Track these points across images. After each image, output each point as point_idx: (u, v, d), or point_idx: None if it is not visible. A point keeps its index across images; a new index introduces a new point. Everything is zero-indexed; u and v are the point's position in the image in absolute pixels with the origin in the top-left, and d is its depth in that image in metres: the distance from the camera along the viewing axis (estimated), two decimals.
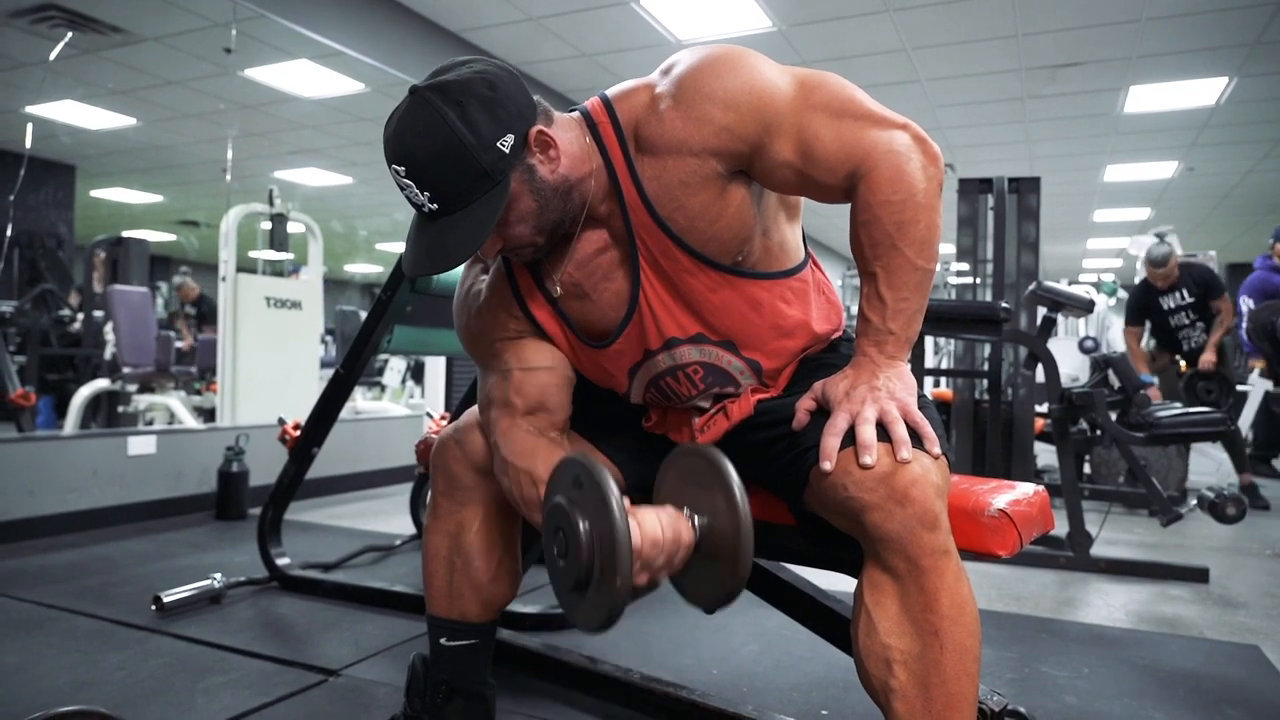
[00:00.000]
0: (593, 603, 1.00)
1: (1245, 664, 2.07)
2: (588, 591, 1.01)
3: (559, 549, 1.03)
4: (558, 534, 1.03)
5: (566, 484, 1.05)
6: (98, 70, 5.85)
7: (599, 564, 0.98)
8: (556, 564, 1.04)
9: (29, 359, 5.97)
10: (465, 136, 1.02)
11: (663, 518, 1.05)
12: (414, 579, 2.59)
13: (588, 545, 0.99)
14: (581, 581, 1.00)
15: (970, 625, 0.97)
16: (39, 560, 2.82)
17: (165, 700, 1.69)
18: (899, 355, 1.08)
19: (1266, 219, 10.72)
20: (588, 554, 0.99)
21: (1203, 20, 4.93)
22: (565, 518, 1.01)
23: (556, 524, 1.03)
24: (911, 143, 1.06)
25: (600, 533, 0.98)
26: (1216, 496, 2.91)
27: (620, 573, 0.95)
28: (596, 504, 0.99)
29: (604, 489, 0.98)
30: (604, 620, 0.99)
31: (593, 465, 1.01)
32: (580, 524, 0.99)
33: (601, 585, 0.98)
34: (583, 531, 0.99)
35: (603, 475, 0.99)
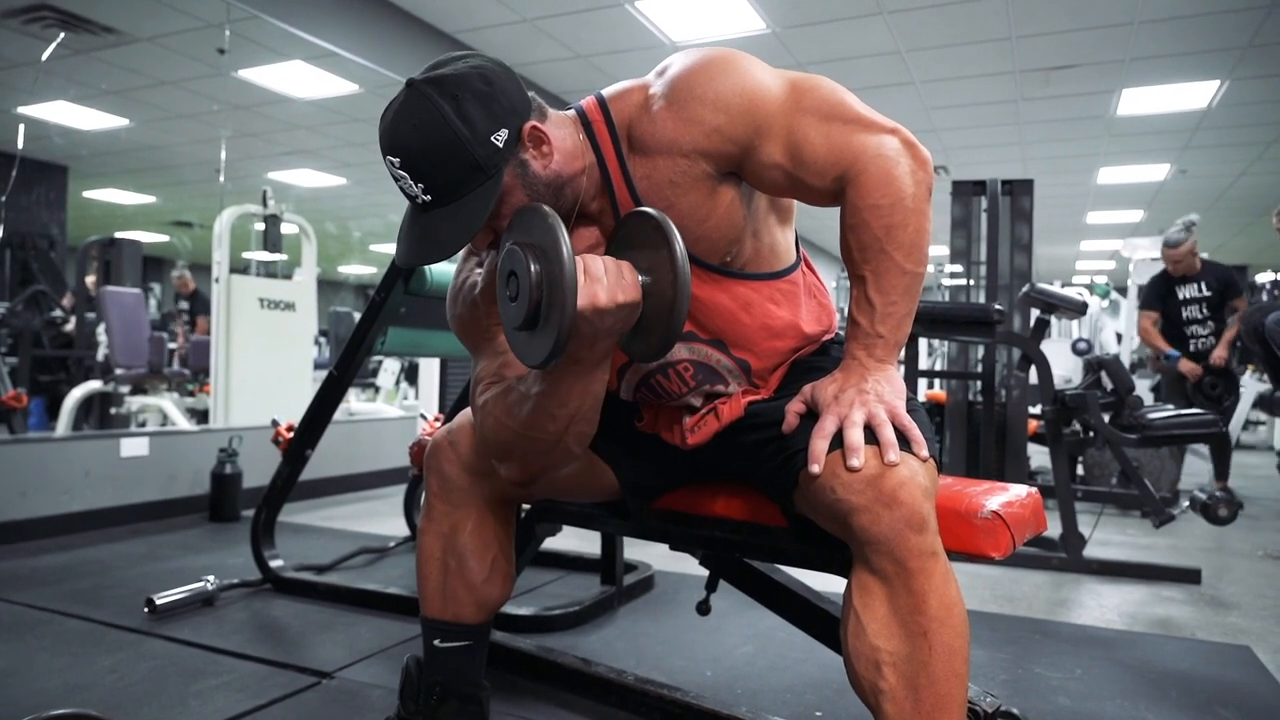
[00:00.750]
0: (542, 335, 1.01)
1: (1237, 665, 2.07)
2: (537, 326, 1.02)
3: (510, 291, 1.04)
4: (510, 278, 1.04)
5: (517, 231, 1.06)
6: (90, 71, 5.83)
7: (548, 299, 1.00)
8: (508, 305, 1.05)
9: (21, 360, 5.94)
10: (460, 130, 1.03)
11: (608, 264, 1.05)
12: (408, 581, 2.58)
13: (537, 283, 1.00)
14: (532, 318, 1.02)
15: (959, 626, 0.97)
16: (31, 562, 2.81)
17: (158, 703, 1.68)
18: (888, 359, 1.08)
19: (1259, 221, 10.77)
20: (536, 291, 1.00)
21: (1195, 23, 4.95)
22: (517, 259, 1.02)
23: (509, 268, 1.04)
24: (901, 147, 1.07)
25: (550, 270, 0.99)
26: (1209, 498, 2.92)
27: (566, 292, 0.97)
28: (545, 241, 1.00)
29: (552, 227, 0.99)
30: (552, 348, 0.99)
31: (542, 210, 1.03)
32: (530, 264, 1.00)
33: (550, 318, 1.00)
34: (533, 270, 1.00)
35: (552, 217, 1.01)
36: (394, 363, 7.55)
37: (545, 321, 1.01)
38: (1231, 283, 4.73)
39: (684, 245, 1.03)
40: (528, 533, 1.91)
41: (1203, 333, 4.73)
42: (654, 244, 1.05)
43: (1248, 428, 8.07)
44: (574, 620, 2.23)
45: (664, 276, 1.04)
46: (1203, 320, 4.72)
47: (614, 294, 1.02)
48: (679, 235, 1.03)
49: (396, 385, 7.66)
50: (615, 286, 1.02)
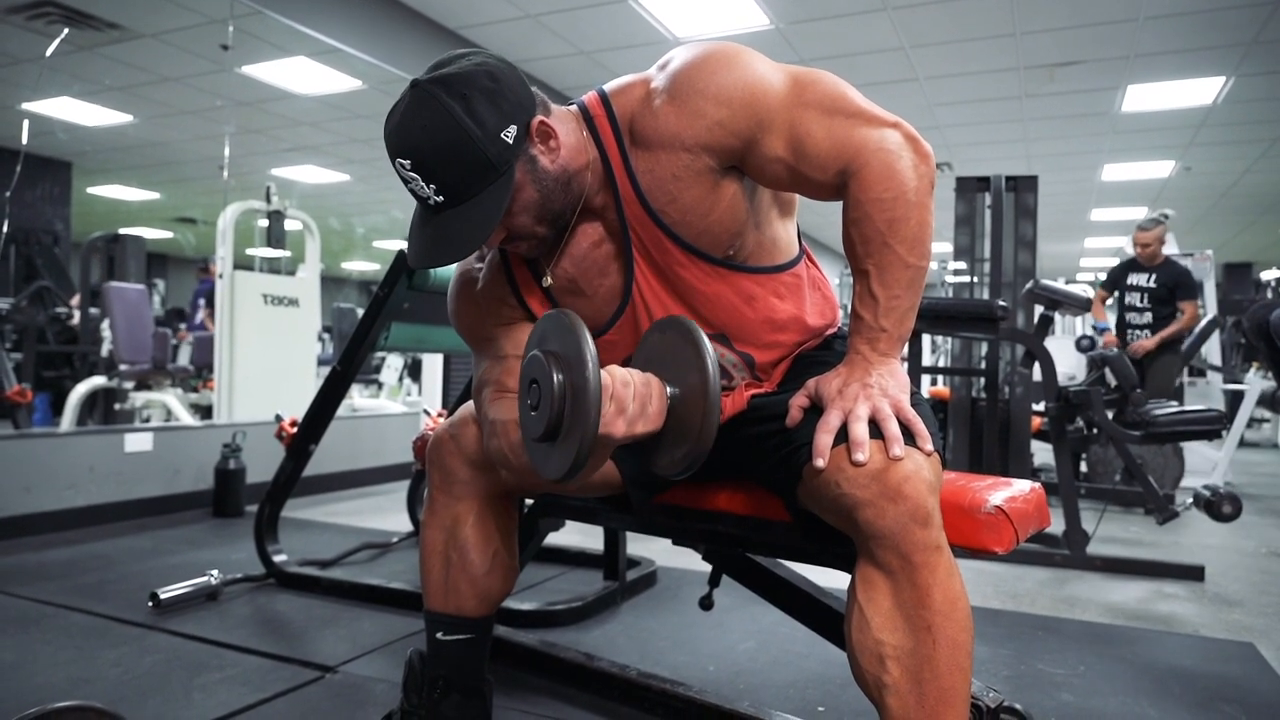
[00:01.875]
0: (562, 449, 1.01)
1: (1240, 661, 2.07)
2: (557, 441, 1.01)
3: (532, 400, 1.03)
4: (532, 386, 1.03)
5: (544, 337, 1.05)
6: (94, 67, 5.84)
7: (570, 412, 0.99)
8: (529, 415, 1.04)
9: (25, 356, 5.96)
10: (470, 129, 1.03)
11: (635, 378, 1.05)
12: (411, 576, 2.59)
13: (560, 395, 0.99)
14: (552, 429, 1.01)
15: (963, 620, 0.97)
16: (36, 557, 2.82)
17: (162, 696, 1.69)
18: (892, 353, 1.08)
19: (1263, 218, 10.75)
20: (559, 404, 0.99)
21: (1200, 19, 4.94)
22: (540, 369, 1.01)
23: (531, 376, 1.03)
24: (903, 141, 1.07)
25: (575, 383, 0.98)
26: (1212, 495, 2.92)
27: (590, 417, 0.96)
28: (570, 353, 0.99)
29: (578, 339, 0.99)
30: (571, 465, 0.99)
31: (568, 318, 1.02)
32: (554, 375, 1.00)
33: (571, 433, 0.99)
34: (556, 382, 0.99)
35: (578, 326, 1.00)
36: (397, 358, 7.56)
37: (564, 438, 1.00)
38: (1183, 284, 4.77)
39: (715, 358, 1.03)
40: (531, 528, 1.91)
41: (1139, 322, 4.79)
42: (687, 361, 1.05)
43: (1252, 425, 8.05)
44: (577, 615, 2.24)
45: (694, 398, 1.04)
46: (1140, 310, 4.76)
47: (633, 426, 1.02)
48: (713, 355, 1.03)
49: (400, 381, 7.67)
50: (637, 417, 1.03)
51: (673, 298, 1.18)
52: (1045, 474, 4.55)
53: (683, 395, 1.06)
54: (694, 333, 1.06)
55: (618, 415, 1.01)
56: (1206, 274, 6.26)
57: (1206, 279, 6.27)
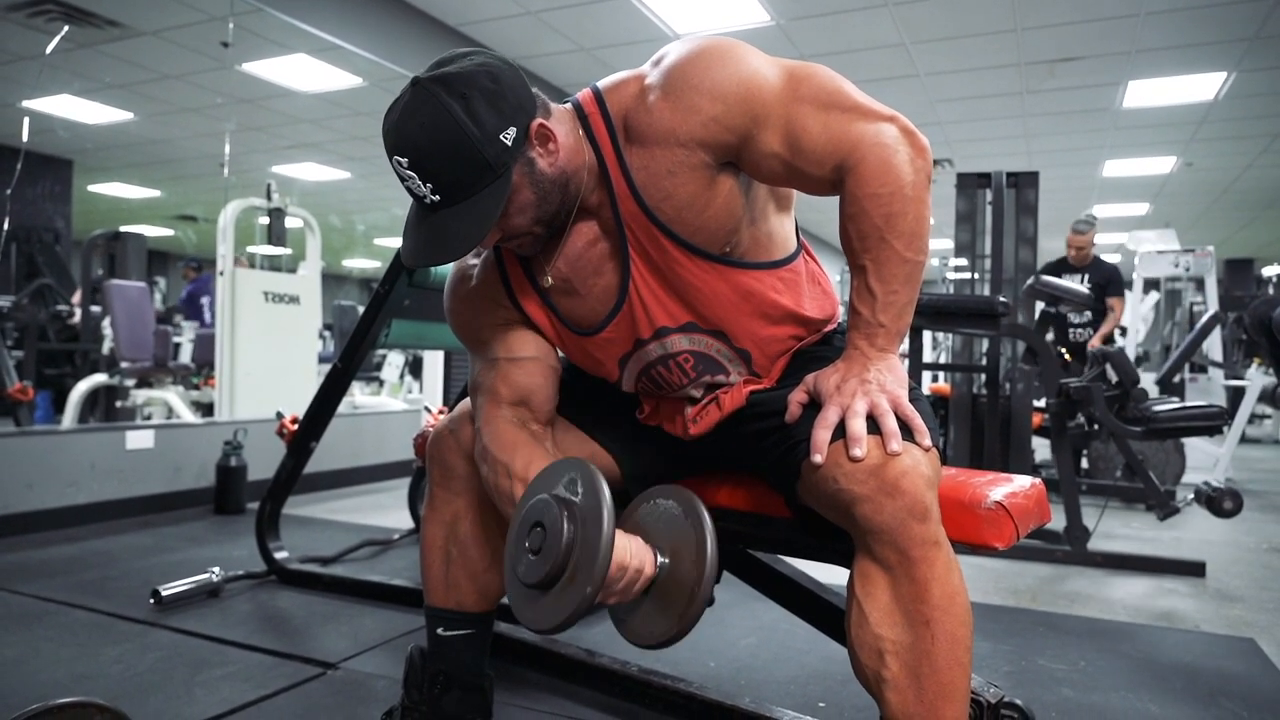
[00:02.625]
0: (553, 604, 1.00)
1: (1241, 657, 2.07)
2: (550, 591, 1.01)
3: (532, 543, 1.03)
4: (535, 528, 1.03)
5: (559, 483, 1.05)
6: (95, 64, 5.83)
7: (573, 568, 0.99)
8: (524, 557, 1.04)
9: (27, 354, 5.96)
10: (469, 129, 1.03)
11: (633, 545, 1.07)
12: (412, 573, 2.59)
13: (567, 548, 0.99)
14: (548, 581, 1.00)
15: (962, 615, 0.97)
16: (37, 554, 2.82)
17: (164, 693, 1.69)
18: (890, 348, 1.08)
19: (1265, 214, 10.73)
20: (564, 556, 0.99)
21: (1201, 15, 4.93)
22: (550, 515, 1.01)
23: (538, 519, 1.03)
24: (899, 135, 1.06)
25: (586, 540, 0.98)
26: (1213, 491, 2.92)
27: (594, 583, 0.96)
28: (590, 512, 0.99)
29: (600, 499, 0.99)
30: (560, 623, 0.99)
31: (593, 473, 1.02)
32: (565, 525, 1.00)
33: (569, 590, 0.98)
34: (566, 533, 0.99)
35: (601, 485, 1.00)
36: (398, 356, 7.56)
37: (561, 590, 1.00)
38: (1113, 280, 4.89)
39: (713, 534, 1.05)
40: None
41: (1079, 321, 4.87)
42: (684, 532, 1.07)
43: (1253, 421, 8.05)
44: None
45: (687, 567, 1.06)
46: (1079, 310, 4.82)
47: (625, 595, 1.07)
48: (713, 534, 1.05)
49: (401, 378, 7.68)
50: (628, 587, 1.07)
51: (669, 294, 1.17)
52: (1046, 470, 4.56)
53: (674, 565, 1.07)
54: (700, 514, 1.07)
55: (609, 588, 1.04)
56: (1208, 270, 6.24)
57: (1208, 275, 6.25)
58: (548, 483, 1.07)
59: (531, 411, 1.25)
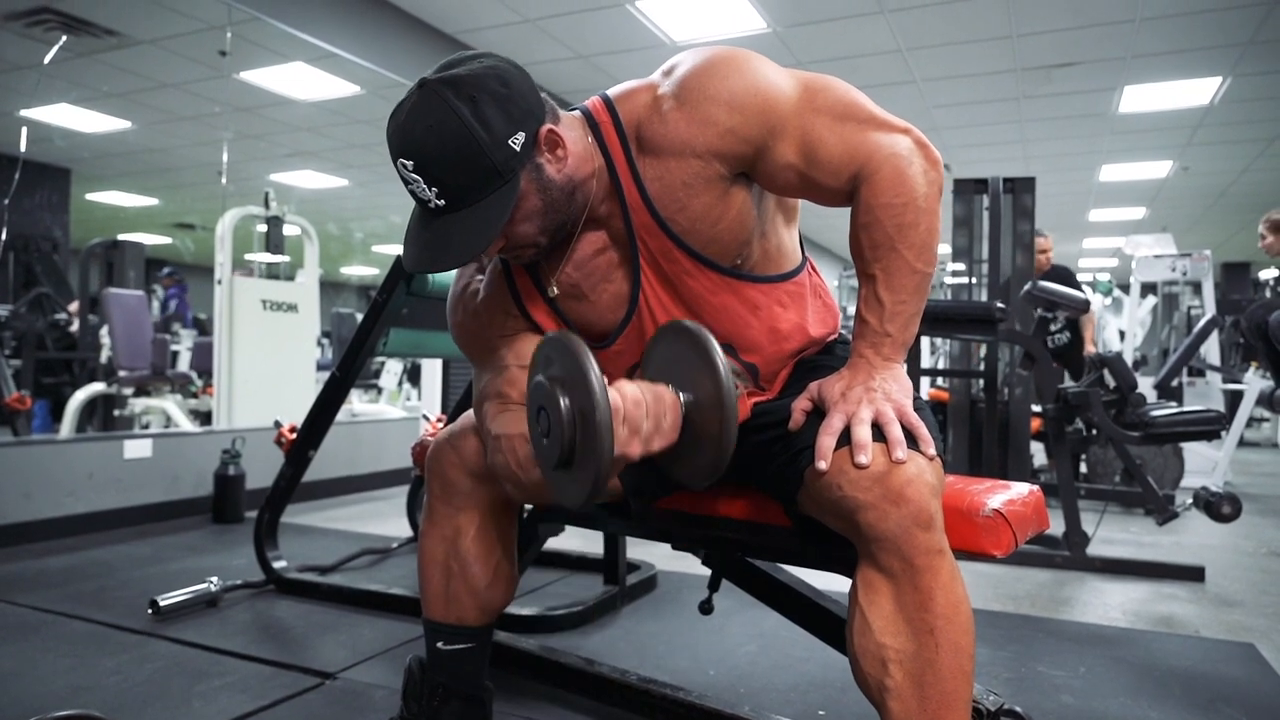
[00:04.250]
0: (579, 476, 1.00)
1: (1241, 662, 2.07)
2: (572, 466, 1.00)
3: (542, 428, 1.02)
4: (540, 414, 1.02)
5: (545, 364, 1.04)
6: (92, 73, 5.84)
7: (582, 437, 0.98)
8: (541, 443, 1.03)
9: (25, 363, 5.95)
10: (478, 133, 1.01)
11: (643, 386, 1.05)
12: (411, 581, 2.58)
13: (569, 420, 0.98)
14: (566, 458, 1.00)
15: (965, 624, 0.97)
16: (35, 564, 2.81)
17: (161, 704, 1.68)
18: (895, 357, 1.08)
19: (1261, 218, 10.74)
20: (569, 429, 0.98)
21: (1197, 20, 4.94)
22: (546, 396, 1.00)
23: (539, 403, 1.02)
24: (914, 147, 1.07)
25: (581, 406, 0.97)
26: (1212, 495, 2.92)
27: (602, 439, 0.95)
28: (575, 377, 0.98)
29: (581, 361, 0.98)
30: (589, 491, 0.98)
31: (569, 339, 1.01)
32: (561, 400, 0.99)
33: (586, 456, 0.98)
34: (564, 407, 0.98)
35: (580, 348, 0.99)
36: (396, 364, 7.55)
37: (580, 462, 0.99)
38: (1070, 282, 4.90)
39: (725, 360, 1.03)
40: (530, 533, 1.91)
41: (1054, 328, 4.89)
42: (697, 366, 1.05)
43: (1251, 425, 8.05)
44: (577, 620, 2.23)
45: (709, 403, 1.04)
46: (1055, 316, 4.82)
47: (649, 444, 1.03)
48: (722, 356, 1.03)
49: (399, 386, 7.66)
50: (653, 435, 1.03)
51: (680, 307, 1.17)
52: (1045, 475, 4.55)
53: (697, 401, 1.05)
54: (702, 337, 1.05)
55: (632, 436, 1.01)
56: (1205, 274, 6.25)
57: (1205, 279, 6.26)
58: (537, 365, 1.06)
59: None
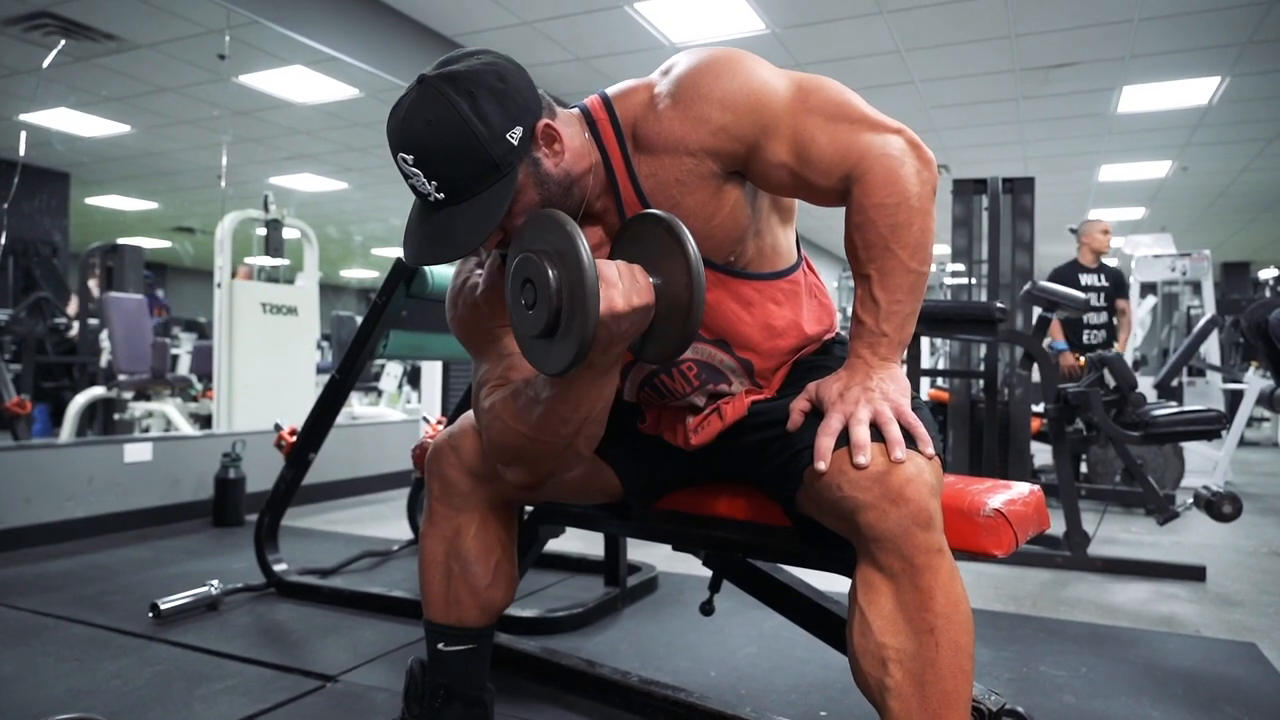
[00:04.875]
0: (563, 343, 1.01)
1: (1242, 662, 2.07)
2: (556, 336, 1.01)
3: (527, 299, 1.03)
4: (525, 285, 1.03)
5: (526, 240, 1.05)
6: (91, 77, 5.84)
7: (569, 306, 0.99)
8: (524, 314, 1.04)
9: (24, 367, 5.95)
10: (476, 127, 1.03)
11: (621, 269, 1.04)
12: (411, 584, 2.58)
13: (556, 291, 0.99)
14: (550, 325, 1.01)
15: (965, 623, 0.97)
16: (35, 568, 2.81)
17: (162, 707, 1.68)
18: (892, 357, 1.08)
19: (1261, 217, 10.75)
20: (556, 299, 0.99)
21: (1195, 20, 4.95)
22: (533, 266, 1.01)
23: (525, 275, 1.03)
24: (906, 147, 1.07)
25: (570, 273, 0.98)
26: (1213, 495, 2.92)
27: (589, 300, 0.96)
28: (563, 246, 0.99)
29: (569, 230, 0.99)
30: (575, 354, 0.99)
31: (553, 214, 1.02)
32: (549, 270, 0.99)
33: (572, 327, 0.99)
34: (552, 276, 0.99)
35: (566, 220, 1.00)
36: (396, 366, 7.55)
37: (566, 330, 1.00)
38: (1121, 281, 4.85)
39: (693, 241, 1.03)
40: (531, 535, 1.91)
41: (1096, 322, 4.78)
42: (664, 246, 1.05)
43: (1251, 424, 8.05)
44: (578, 622, 2.23)
45: (677, 278, 1.04)
46: (1099, 310, 4.76)
47: (629, 298, 1.02)
48: (690, 235, 1.03)
49: (399, 389, 7.66)
50: (630, 290, 1.02)
51: None
52: (1046, 475, 4.55)
53: (666, 282, 1.06)
54: (669, 221, 1.05)
55: (610, 289, 1.00)
56: (1204, 273, 6.26)
57: (1204, 278, 6.27)
58: (521, 242, 1.06)
59: None
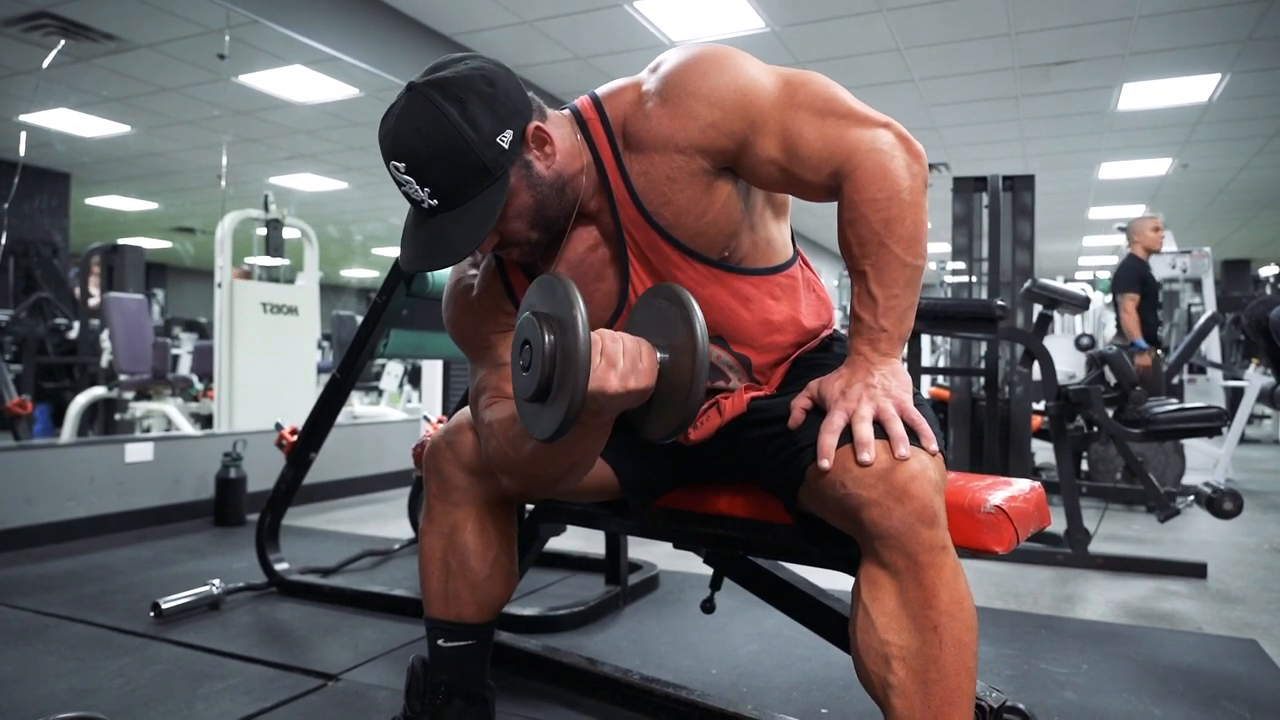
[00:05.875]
0: (551, 410, 1.01)
1: (1243, 658, 2.07)
2: (547, 401, 1.02)
3: (524, 361, 1.03)
4: (524, 347, 1.03)
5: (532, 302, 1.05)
6: (91, 78, 5.84)
7: (560, 374, 0.99)
8: (519, 374, 1.04)
9: (25, 367, 5.95)
10: (466, 133, 1.03)
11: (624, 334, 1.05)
12: (413, 583, 2.58)
13: (550, 356, 0.99)
14: (543, 388, 1.01)
15: (968, 621, 0.97)
16: (37, 568, 2.81)
17: (164, 707, 1.68)
18: (893, 352, 1.08)
19: (1261, 215, 10.75)
20: (549, 365, 1.00)
21: (1195, 17, 4.94)
22: (531, 329, 1.02)
23: (524, 337, 1.03)
24: (895, 141, 1.07)
25: (563, 340, 0.99)
26: (1213, 492, 2.92)
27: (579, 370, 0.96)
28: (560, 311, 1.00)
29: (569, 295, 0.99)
30: (561, 421, 0.99)
31: (559, 279, 1.02)
32: (545, 334, 1.00)
33: (560, 393, 0.99)
34: (546, 341, 1.00)
35: (568, 285, 1.00)
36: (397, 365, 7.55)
37: (555, 397, 1.00)
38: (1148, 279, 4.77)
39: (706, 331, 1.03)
40: (532, 533, 1.91)
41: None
42: (676, 326, 1.05)
43: (1252, 422, 8.05)
44: (579, 620, 2.23)
45: (683, 361, 1.04)
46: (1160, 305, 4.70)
47: (625, 381, 1.01)
48: (703, 319, 1.03)
49: (400, 388, 7.66)
50: (629, 373, 1.02)
51: None
52: (1046, 473, 4.55)
53: (672, 357, 1.06)
54: (680, 294, 1.05)
55: (609, 369, 1.00)
56: (1205, 271, 6.26)
57: (1205, 276, 6.27)
58: (526, 304, 1.07)
59: None
